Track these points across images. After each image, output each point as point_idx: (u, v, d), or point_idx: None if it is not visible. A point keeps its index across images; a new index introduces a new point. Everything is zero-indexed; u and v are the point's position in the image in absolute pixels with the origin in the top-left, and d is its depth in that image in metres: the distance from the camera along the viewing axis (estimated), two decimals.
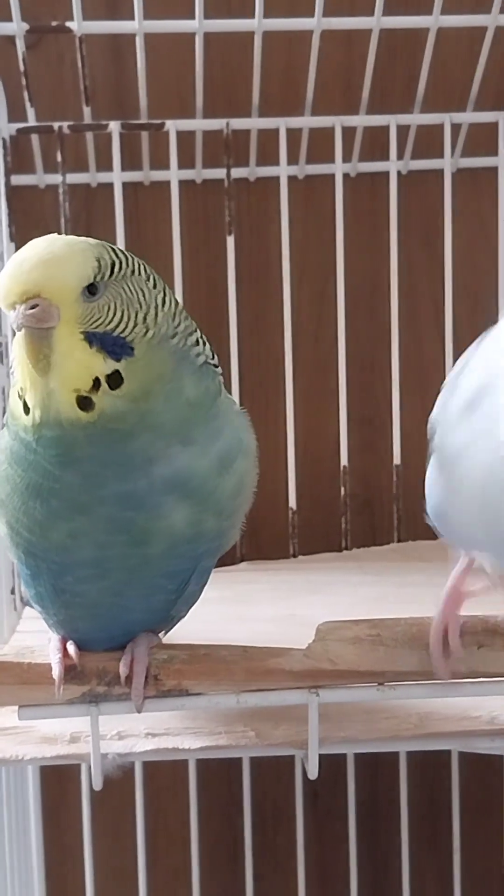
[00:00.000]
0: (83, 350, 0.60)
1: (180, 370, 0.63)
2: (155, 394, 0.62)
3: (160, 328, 0.63)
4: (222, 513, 0.66)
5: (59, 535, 0.64)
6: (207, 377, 0.66)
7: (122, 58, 1.08)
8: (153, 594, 0.67)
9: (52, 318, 0.59)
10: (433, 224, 1.13)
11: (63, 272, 0.60)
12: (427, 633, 0.67)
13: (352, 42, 1.09)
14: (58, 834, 1.13)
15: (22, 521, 0.64)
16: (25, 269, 0.60)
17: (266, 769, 1.15)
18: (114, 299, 0.61)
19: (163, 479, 0.63)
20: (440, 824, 1.17)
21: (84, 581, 0.65)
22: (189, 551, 0.66)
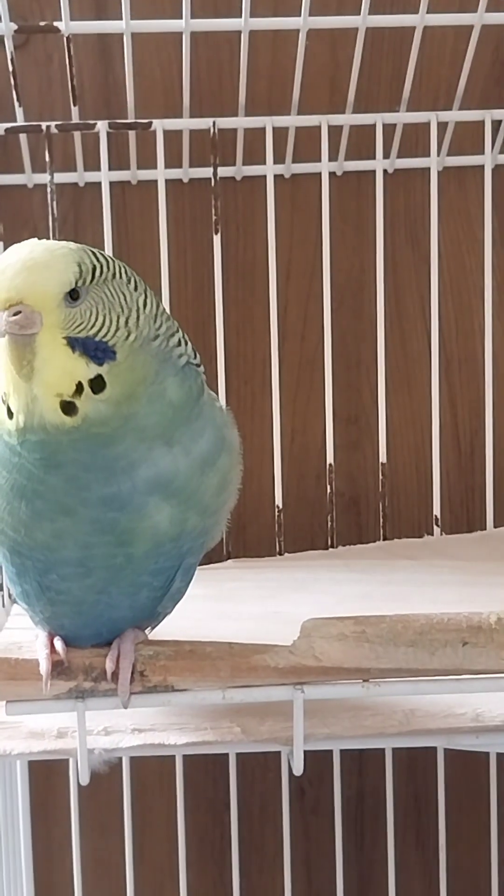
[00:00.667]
0: (66, 355, 0.61)
1: (163, 372, 0.64)
2: (138, 397, 0.62)
3: (142, 331, 0.63)
4: (206, 511, 0.67)
5: (44, 535, 0.64)
6: (190, 377, 0.66)
7: (110, 57, 1.08)
8: (138, 591, 0.67)
9: (34, 324, 0.60)
10: (419, 223, 1.13)
11: (44, 279, 0.60)
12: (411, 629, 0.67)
13: (338, 41, 1.09)
14: (46, 828, 1.14)
15: (7, 520, 0.65)
16: (7, 276, 0.60)
17: (253, 765, 1.15)
18: (95, 304, 0.62)
19: (146, 481, 0.63)
20: (426, 820, 1.18)
21: (68, 579, 0.66)
22: (173, 549, 0.67)
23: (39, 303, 0.60)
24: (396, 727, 0.72)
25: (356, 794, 1.17)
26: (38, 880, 1.08)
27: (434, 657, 0.67)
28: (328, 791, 1.13)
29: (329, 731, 0.71)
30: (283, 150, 1.09)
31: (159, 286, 1.06)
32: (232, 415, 0.71)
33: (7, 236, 1.05)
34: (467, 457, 1.17)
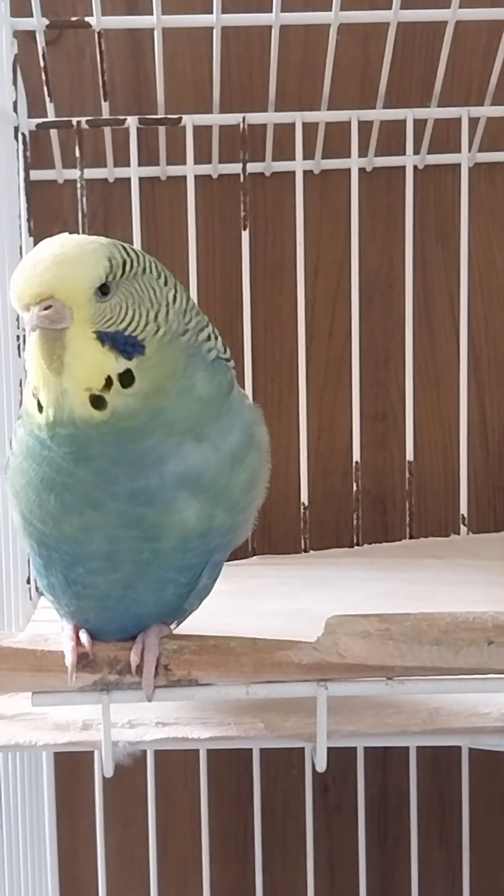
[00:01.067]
0: (96, 350, 0.61)
1: (192, 367, 0.64)
2: (167, 391, 0.62)
3: (171, 326, 0.63)
4: (234, 508, 0.67)
5: (72, 528, 0.64)
6: (220, 372, 0.66)
7: (141, 53, 1.08)
8: (164, 587, 0.68)
9: (65, 318, 0.60)
10: (449, 219, 1.13)
11: (75, 273, 0.60)
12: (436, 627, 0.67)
13: (369, 36, 1.09)
14: (71, 820, 1.14)
15: (35, 512, 0.65)
16: (38, 271, 0.60)
17: (276, 761, 1.15)
18: (125, 298, 0.62)
19: (174, 476, 0.63)
20: (450, 819, 1.18)
21: (95, 573, 0.66)
22: (200, 546, 0.67)
23: (70, 297, 0.60)
24: (420, 725, 0.72)
25: (380, 792, 1.17)
26: (62, 872, 1.09)
27: (459, 656, 0.67)
28: (352, 789, 1.13)
29: (353, 729, 0.71)
30: (312, 146, 1.08)
31: (187, 282, 1.06)
32: (261, 411, 0.71)
33: (37, 231, 1.05)
34: (495, 456, 1.16)
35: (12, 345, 0.94)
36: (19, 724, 0.73)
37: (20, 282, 0.60)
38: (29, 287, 0.60)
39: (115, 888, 1.13)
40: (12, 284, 0.61)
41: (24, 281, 0.60)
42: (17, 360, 0.96)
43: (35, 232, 1.04)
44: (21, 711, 0.73)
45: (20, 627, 0.88)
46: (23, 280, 0.60)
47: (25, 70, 1.01)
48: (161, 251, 1.11)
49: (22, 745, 0.72)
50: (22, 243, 1.01)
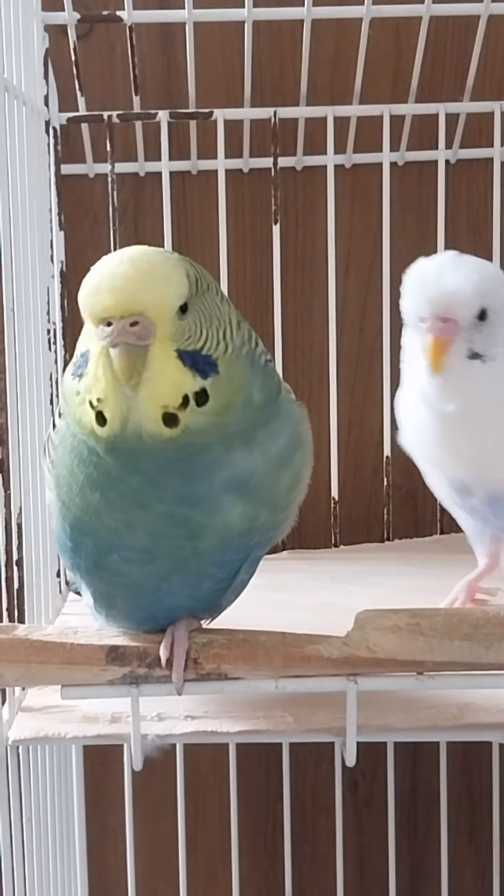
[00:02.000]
0: (177, 368, 0.60)
1: (252, 378, 0.64)
2: (235, 407, 0.62)
3: (235, 342, 0.63)
4: (277, 507, 0.67)
5: (114, 522, 0.64)
6: (270, 377, 0.66)
7: (172, 47, 1.08)
8: (201, 582, 0.68)
9: (150, 335, 0.59)
10: (481, 213, 1.12)
11: (166, 291, 0.60)
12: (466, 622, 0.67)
13: (401, 30, 1.08)
14: (100, 813, 1.15)
15: (76, 502, 0.65)
16: (129, 285, 0.59)
17: (306, 756, 1.15)
18: (199, 316, 0.62)
19: (223, 481, 0.63)
20: (480, 815, 1.17)
21: (130, 562, 0.66)
22: (242, 544, 0.67)
23: (157, 315, 0.59)
24: (450, 721, 0.72)
25: (409, 788, 1.17)
26: (91, 865, 1.09)
27: (490, 651, 0.66)
28: (382, 784, 1.13)
29: (382, 723, 0.71)
30: (344, 140, 1.08)
31: (218, 277, 1.06)
32: (305, 408, 0.70)
33: (68, 226, 1.06)
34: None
35: (43, 338, 0.94)
36: (48, 716, 0.73)
37: (105, 295, 0.59)
38: (118, 302, 0.59)
39: (144, 882, 1.13)
40: (92, 295, 0.59)
41: (110, 294, 0.59)
42: (49, 353, 0.96)
43: (66, 226, 1.04)
44: (50, 704, 0.74)
45: (50, 620, 0.89)
46: (109, 293, 0.59)
47: (56, 64, 1.01)
48: (192, 245, 1.11)
49: (51, 738, 0.72)
50: (53, 237, 1.02)
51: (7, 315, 0.77)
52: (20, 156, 0.85)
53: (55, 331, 1.00)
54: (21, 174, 0.85)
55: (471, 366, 0.81)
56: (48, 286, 0.99)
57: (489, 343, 0.81)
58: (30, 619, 0.82)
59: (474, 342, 0.81)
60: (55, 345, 0.99)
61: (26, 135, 0.87)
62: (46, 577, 0.88)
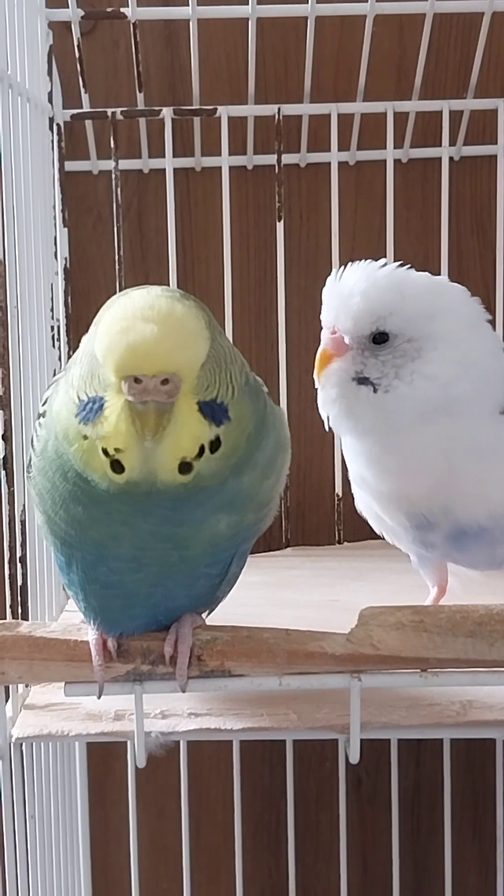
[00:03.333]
0: (198, 420, 0.60)
1: (252, 413, 0.64)
2: (240, 446, 0.63)
3: (238, 382, 0.63)
4: (262, 508, 0.67)
5: (99, 536, 0.64)
6: (260, 396, 0.66)
7: (176, 44, 1.08)
8: (195, 581, 0.68)
9: (179, 391, 0.59)
10: (485, 211, 1.12)
11: (196, 349, 0.60)
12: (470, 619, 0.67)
13: (405, 27, 1.08)
14: (103, 811, 1.15)
15: (61, 515, 0.65)
16: (163, 347, 0.58)
17: (309, 753, 1.15)
18: (213, 364, 0.61)
19: (213, 505, 0.64)
20: (483, 812, 1.17)
21: (119, 573, 0.66)
22: (229, 545, 0.67)
23: (187, 372, 0.59)
24: (454, 718, 0.72)
25: (413, 785, 1.17)
26: (95, 862, 1.09)
27: (493, 648, 0.66)
28: (385, 781, 1.13)
29: (386, 720, 0.71)
30: (348, 137, 1.08)
31: (222, 273, 1.06)
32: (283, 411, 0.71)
33: (72, 222, 1.06)
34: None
35: (46, 335, 0.94)
36: (51, 713, 0.74)
37: (138, 354, 0.58)
38: (150, 362, 0.58)
39: (148, 878, 1.13)
40: (121, 353, 0.58)
41: (142, 355, 0.58)
42: (52, 350, 0.96)
43: (69, 223, 1.04)
44: (53, 701, 0.74)
45: (53, 617, 0.89)
46: (141, 354, 0.58)
47: (60, 61, 1.01)
48: (196, 242, 1.11)
49: (54, 735, 0.72)
50: (56, 234, 1.02)
51: (11, 312, 0.77)
52: (24, 152, 0.85)
53: (59, 328, 1.00)
54: (25, 171, 0.85)
55: (357, 391, 0.74)
56: (52, 283, 0.99)
57: (386, 372, 0.73)
58: (33, 615, 0.82)
59: (365, 365, 0.73)
60: (59, 342, 0.99)
61: (30, 131, 0.87)
62: (50, 573, 0.88)
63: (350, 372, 0.74)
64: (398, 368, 0.73)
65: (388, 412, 0.73)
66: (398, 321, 0.72)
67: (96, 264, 1.10)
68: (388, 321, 0.72)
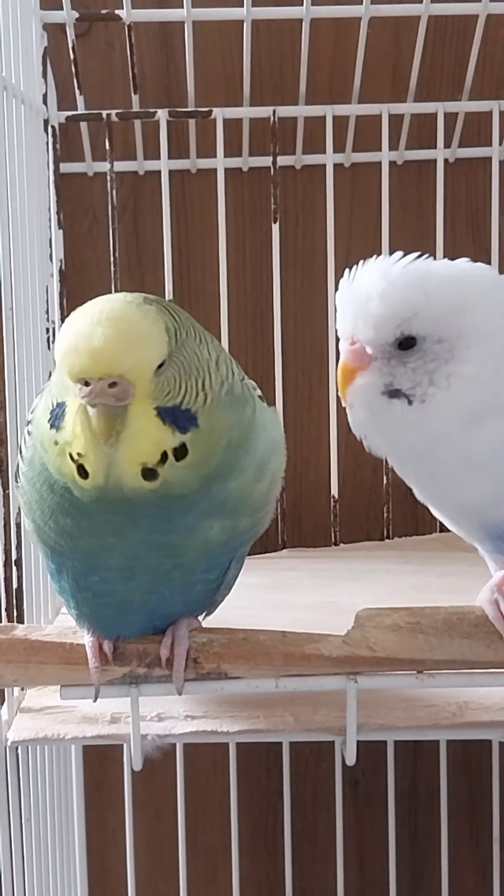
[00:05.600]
0: (156, 426, 0.59)
1: (232, 420, 0.63)
2: (215, 454, 0.62)
3: (215, 390, 0.62)
4: (256, 511, 0.67)
5: (89, 546, 0.64)
6: (248, 403, 0.65)
7: (171, 46, 1.08)
8: (192, 587, 0.67)
9: (129, 395, 0.58)
10: (480, 213, 1.12)
11: (146, 352, 0.58)
12: (466, 621, 0.67)
13: (399, 29, 1.08)
14: (100, 813, 1.15)
15: (50, 525, 0.64)
16: (108, 348, 0.58)
17: (306, 755, 1.15)
18: (178, 369, 0.60)
19: (201, 512, 0.63)
20: (480, 813, 1.17)
21: (111, 581, 0.65)
22: (225, 550, 0.67)
23: (136, 376, 0.58)
24: (450, 719, 0.72)
25: (410, 786, 1.17)
26: (91, 864, 1.09)
27: (489, 649, 0.67)
28: (382, 782, 1.13)
29: (382, 722, 0.71)
30: (343, 139, 1.08)
31: (217, 275, 1.06)
32: (277, 412, 0.70)
33: (67, 224, 1.06)
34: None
35: (42, 337, 0.94)
36: (47, 717, 0.73)
37: (83, 357, 0.58)
38: (96, 364, 0.58)
39: (144, 880, 1.13)
40: (70, 355, 0.58)
41: (89, 356, 0.58)
42: (48, 352, 0.96)
43: (65, 225, 1.04)
44: (49, 704, 0.74)
45: (49, 620, 0.89)
46: (88, 355, 0.58)
47: (55, 63, 1.01)
48: (191, 244, 1.11)
49: (50, 739, 0.72)
50: (52, 236, 1.02)
51: (6, 314, 0.77)
52: (19, 154, 0.85)
53: (54, 329, 1.00)
54: (20, 173, 0.85)
55: (390, 406, 0.66)
56: (47, 285, 0.99)
57: (419, 380, 0.65)
58: (29, 619, 0.82)
59: (395, 376, 0.65)
60: (54, 344, 0.99)
61: (25, 133, 0.87)
62: (45, 577, 0.87)
63: (378, 386, 0.66)
64: (432, 374, 0.65)
65: (429, 424, 0.65)
66: (425, 322, 0.64)
67: (91, 266, 1.10)
68: (413, 323, 0.64)
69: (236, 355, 0.69)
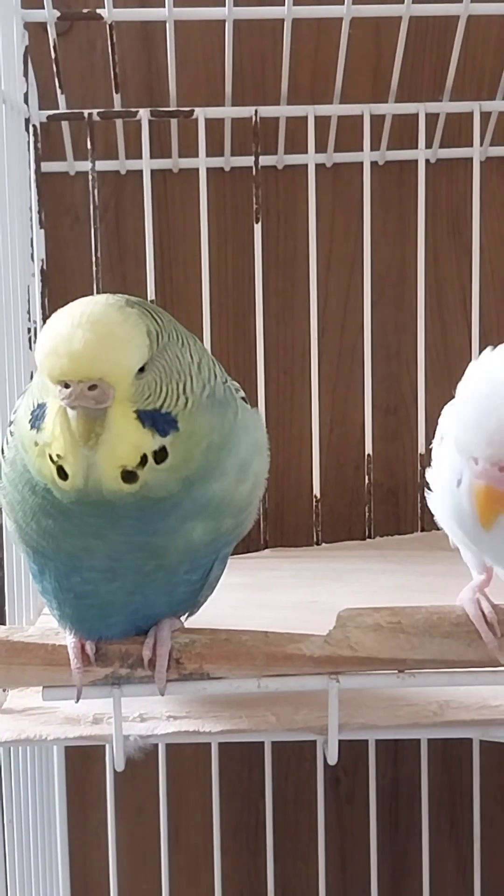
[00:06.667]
0: (136, 429, 0.59)
1: (213, 424, 0.63)
2: (194, 459, 0.62)
3: (196, 394, 0.62)
4: (240, 512, 0.67)
5: (71, 548, 0.64)
6: (231, 406, 0.65)
7: (153, 45, 1.08)
8: (175, 588, 0.67)
9: (109, 398, 0.58)
10: (461, 213, 1.13)
11: (125, 356, 0.58)
12: (447, 620, 0.67)
13: (381, 29, 1.09)
14: (82, 814, 1.15)
15: (32, 527, 0.64)
16: (87, 351, 0.58)
17: (288, 754, 1.16)
18: (159, 373, 0.60)
19: (184, 513, 0.63)
20: (461, 811, 1.18)
21: (93, 582, 0.65)
22: (209, 551, 0.67)
23: (116, 379, 0.58)
24: (431, 718, 0.72)
25: (391, 784, 1.17)
26: (73, 864, 1.09)
27: (470, 649, 0.67)
28: (363, 781, 1.13)
29: (364, 721, 0.72)
30: (325, 139, 1.08)
31: (200, 275, 1.06)
32: (259, 414, 0.70)
33: (49, 224, 1.06)
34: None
35: (24, 337, 0.94)
36: (29, 718, 0.73)
37: (63, 359, 0.58)
38: (76, 367, 0.58)
39: (126, 880, 1.13)
40: (50, 357, 0.58)
41: (68, 359, 0.58)
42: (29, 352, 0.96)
43: (46, 224, 1.04)
44: (32, 705, 0.74)
45: (31, 621, 0.89)
46: (67, 358, 0.58)
47: (36, 62, 1.01)
48: (173, 244, 1.11)
49: (32, 740, 0.72)
50: (33, 235, 1.02)
51: None
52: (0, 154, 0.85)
53: (35, 329, 0.99)
54: (1, 172, 0.85)
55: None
56: (29, 285, 0.99)
57: None
58: (11, 620, 0.82)
59: None
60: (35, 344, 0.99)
61: (6, 132, 0.87)
62: (27, 577, 0.87)
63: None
64: None
65: None
66: None
67: (73, 266, 1.10)
68: None
69: (218, 355, 0.69)
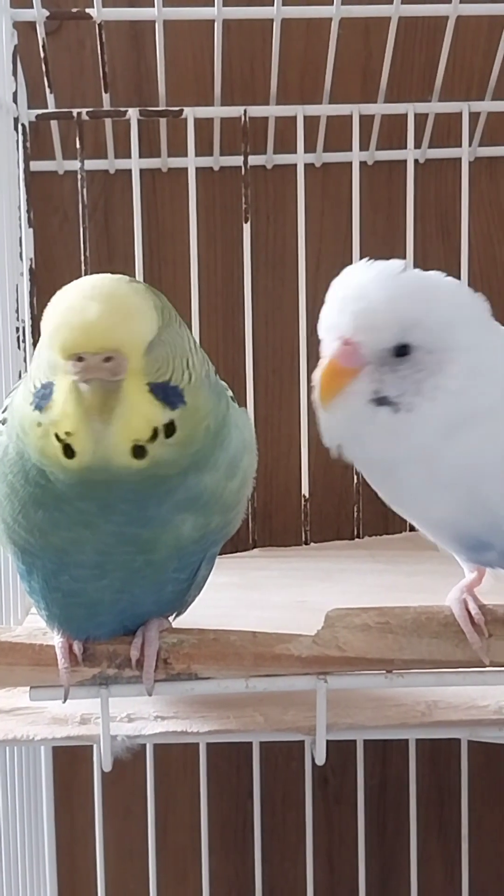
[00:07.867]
0: (149, 402, 0.59)
1: (211, 402, 0.63)
2: (197, 435, 0.62)
3: (197, 370, 0.62)
4: (229, 510, 0.67)
5: (60, 541, 0.64)
6: (223, 396, 0.66)
7: (142, 45, 1.08)
8: (163, 587, 0.67)
9: (124, 370, 0.58)
10: (450, 213, 1.13)
11: (140, 326, 0.58)
12: (435, 620, 0.67)
13: (370, 30, 1.09)
14: (69, 814, 1.14)
15: (20, 521, 0.64)
16: (103, 322, 0.58)
17: (276, 754, 1.16)
18: (166, 347, 0.60)
19: (176, 503, 0.63)
20: (449, 811, 1.18)
21: (81, 580, 0.65)
22: (197, 548, 0.67)
23: (131, 350, 0.58)
24: (419, 718, 0.72)
25: (379, 784, 1.17)
26: (60, 865, 1.09)
27: (458, 649, 0.67)
28: (351, 781, 1.13)
29: (352, 721, 0.72)
30: (314, 139, 1.08)
31: (189, 274, 1.06)
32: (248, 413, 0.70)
33: (38, 223, 1.05)
34: None
35: (12, 336, 0.94)
36: (17, 718, 0.73)
37: (76, 331, 0.58)
38: (91, 339, 0.57)
39: (114, 880, 1.13)
40: (62, 330, 0.58)
41: (83, 331, 0.57)
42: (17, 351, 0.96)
43: (35, 223, 1.04)
44: (19, 706, 0.74)
45: (18, 621, 0.89)
46: (82, 330, 0.57)
47: (26, 61, 1.01)
48: (162, 243, 1.11)
49: (20, 740, 0.72)
50: (22, 235, 1.01)
51: None
52: None
53: (24, 328, 0.99)
54: None
55: (375, 414, 0.65)
56: (17, 284, 0.98)
57: (407, 389, 0.65)
58: None
59: (383, 383, 0.65)
60: (24, 342, 0.99)
61: None
62: (14, 577, 0.87)
63: (367, 393, 0.65)
64: (419, 384, 0.65)
65: (412, 434, 0.65)
66: (422, 331, 0.65)
67: (62, 265, 1.09)
68: (412, 331, 0.64)
69: (207, 354, 0.69)
